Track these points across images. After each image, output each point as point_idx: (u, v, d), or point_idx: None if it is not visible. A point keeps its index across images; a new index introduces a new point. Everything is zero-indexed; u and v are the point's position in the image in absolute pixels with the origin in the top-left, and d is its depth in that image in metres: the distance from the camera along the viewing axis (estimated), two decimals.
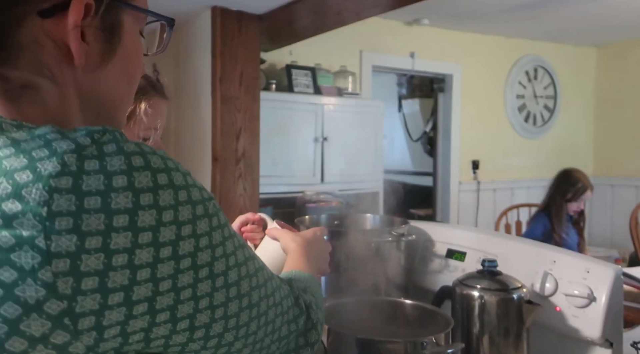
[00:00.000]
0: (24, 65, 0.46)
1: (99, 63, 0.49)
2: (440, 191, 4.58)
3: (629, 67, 4.83)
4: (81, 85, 0.49)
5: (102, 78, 0.50)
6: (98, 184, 0.36)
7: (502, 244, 1.32)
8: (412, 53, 4.18)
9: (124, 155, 0.38)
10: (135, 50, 0.53)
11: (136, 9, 0.51)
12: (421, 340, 0.94)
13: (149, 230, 0.37)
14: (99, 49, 0.48)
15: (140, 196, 0.37)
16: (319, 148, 3.39)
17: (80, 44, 0.46)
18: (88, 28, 0.47)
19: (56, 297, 0.34)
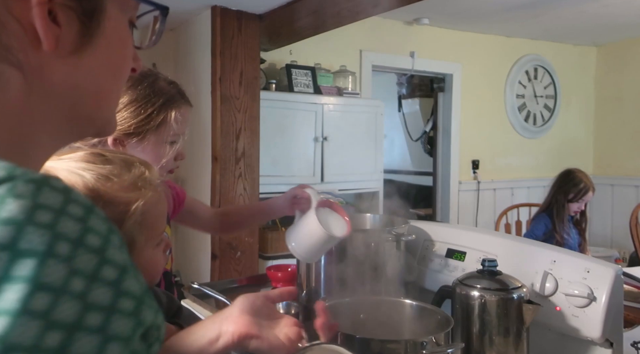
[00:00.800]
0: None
1: (74, 50, 0.42)
2: (440, 191, 4.58)
3: (629, 66, 4.83)
4: (52, 74, 0.42)
5: (79, 67, 0.43)
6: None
7: (502, 244, 1.32)
8: (412, 52, 4.18)
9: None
10: (121, 40, 0.47)
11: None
12: (421, 340, 0.94)
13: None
14: (74, 33, 0.42)
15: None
16: (318, 147, 3.39)
17: (48, 24, 0.40)
18: (61, 8, 0.41)
19: None
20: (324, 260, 1.37)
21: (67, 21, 0.41)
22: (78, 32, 0.42)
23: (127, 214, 0.71)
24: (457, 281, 1.17)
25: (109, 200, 0.70)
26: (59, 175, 0.68)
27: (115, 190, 0.71)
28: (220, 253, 2.88)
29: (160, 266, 0.82)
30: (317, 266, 1.38)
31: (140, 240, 0.74)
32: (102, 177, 0.71)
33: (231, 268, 2.90)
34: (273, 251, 3.13)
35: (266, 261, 3.03)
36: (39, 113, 0.43)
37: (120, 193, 0.71)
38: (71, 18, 0.42)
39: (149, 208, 0.74)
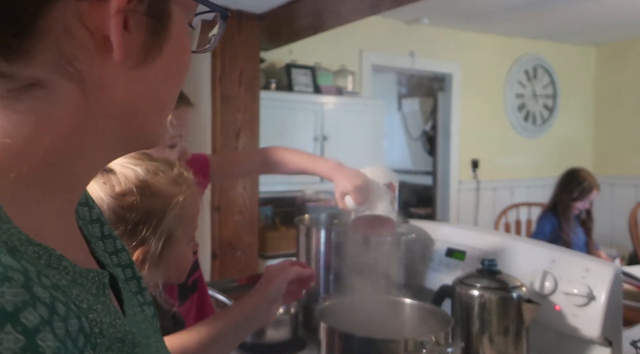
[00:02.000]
0: (40, 60, 0.35)
1: (141, 60, 0.39)
2: (440, 190, 4.58)
3: (629, 66, 4.83)
4: (114, 86, 0.38)
5: (143, 79, 0.40)
6: None
7: (502, 243, 1.32)
8: (412, 52, 4.18)
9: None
10: (183, 46, 0.42)
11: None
12: (421, 339, 0.94)
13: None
14: (142, 42, 0.38)
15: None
16: (318, 147, 3.39)
17: (122, 33, 0.36)
18: (132, 14, 0.37)
19: None
20: (323, 259, 1.37)
21: (137, 29, 0.38)
22: (145, 41, 0.39)
23: (169, 206, 0.79)
24: (457, 280, 1.18)
25: (155, 192, 0.79)
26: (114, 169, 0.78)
27: (162, 183, 0.80)
28: (220, 253, 2.88)
29: (188, 263, 0.88)
30: (317, 266, 1.38)
31: (178, 233, 0.81)
32: (150, 171, 0.80)
33: (231, 268, 2.90)
34: (273, 251, 3.13)
35: (266, 261, 3.03)
36: (92, 129, 0.39)
37: (165, 187, 0.80)
38: (141, 24, 0.38)
39: (188, 204, 0.82)
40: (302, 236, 1.42)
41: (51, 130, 0.37)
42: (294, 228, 1.49)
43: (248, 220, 2.97)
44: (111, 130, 0.40)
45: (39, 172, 0.37)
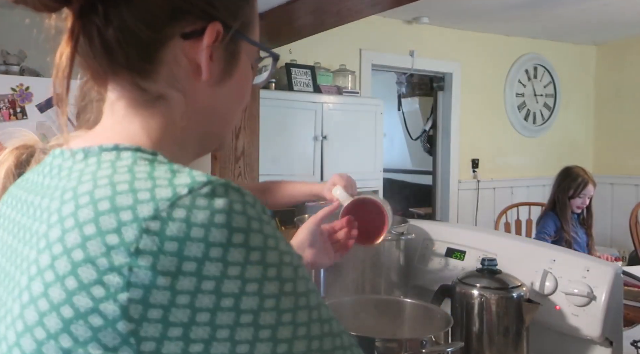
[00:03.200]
0: (161, 79, 0.54)
1: (219, 81, 0.57)
2: (439, 189, 4.58)
3: (629, 65, 4.83)
4: (202, 97, 0.57)
5: (219, 94, 0.59)
6: (179, 232, 0.42)
7: (502, 243, 1.32)
8: (412, 51, 4.18)
9: (210, 211, 0.44)
10: (246, 76, 0.62)
11: (252, 42, 0.61)
12: (421, 339, 0.94)
13: (212, 280, 0.42)
14: (221, 68, 0.57)
15: (211, 249, 0.42)
16: (318, 146, 3.39)
17: (208, 61, 0.55)
18: (215, 50, 0.55)
19: (127, 319, 0.41)
20: None
21: (217, 59, 0.56)
22: (223, 68, 0.58)
23: None
24: (456, 280, 1.18)
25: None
26: None
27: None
28: None
29: None
30: None
31: None
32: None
33: None
34: None
35: None
36: (189, 128, 0.57)
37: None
38: (220, 57, 0.57)
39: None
40: None
41: (173, 127, 0.56)
42: (294, 227, 1.48)
43: None
44: (197, 129, 0.59)
45: (173, 157, 0.53)
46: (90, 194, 0.45)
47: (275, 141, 3.23)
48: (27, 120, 2.42)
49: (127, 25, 0.52)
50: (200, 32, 0.54)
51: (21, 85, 2.42)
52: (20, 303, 0.45)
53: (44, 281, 0.43)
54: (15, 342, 0.44)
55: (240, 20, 0.58)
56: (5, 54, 2.58)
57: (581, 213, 3.04)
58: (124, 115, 0.55)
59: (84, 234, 0.43)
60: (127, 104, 0.55)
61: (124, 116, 0.55)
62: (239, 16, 0.58)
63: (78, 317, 0.42)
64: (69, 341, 0.42)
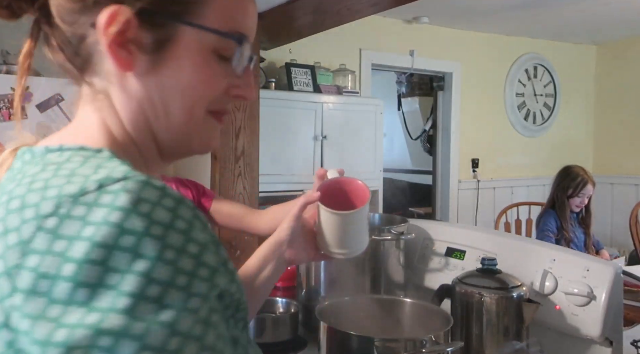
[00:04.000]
0: (99, 73, 0.53)
1: (148, 71, 0.53)
2: (439, 189, 4.58)
3: (629, 64, 4.83)
4: (133, 89, 0.53)
5: (152, 85, 0.53)
6: (72, 230, 0.40)
7: (502, 242, 1.32)
8: (412, 51, 4.18)
9: (110, 208, 0.40)
10: (194, 66, 0.54)
11: (196, 26, 0.53)
12: (420, 338, 0.94)
13: (87, 287, 0.39)
14: (147, 57, 0.52)
15: (93, 250, 0.39)
16: (318, 146, 3.39)
17: (113, 49, 0.50)
18: (135, 37, 0.51)
19: (7, 328, 0.40)
20: None
21: (138, 48, 0.52)
22: (150, 57, 0.52)
23: None
24: (456, 280, 1.18)
25: None
26: None
27: None
28: None
29: None
30: (317, 265, 1.38)
31: None
32: None
33: None
34: None
35: None
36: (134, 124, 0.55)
37: None
38: (142, 46, 0.52)
39: None
40: None
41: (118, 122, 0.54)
42: None
43: None
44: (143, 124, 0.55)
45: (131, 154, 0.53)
46: (10, 193, 0.44)
47: (275, 141, 3.23)
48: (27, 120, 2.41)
49: (56, 24, 0.52)
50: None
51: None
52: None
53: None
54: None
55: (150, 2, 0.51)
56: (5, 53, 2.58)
57: (580, 212, 3.04)
58: (82, 112, 0.55)
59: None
60: (83, 101, 0.55)
61: (82, 113, 0.55)
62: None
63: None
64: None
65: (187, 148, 0.59)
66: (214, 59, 0.55)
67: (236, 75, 0.58)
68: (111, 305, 0.38)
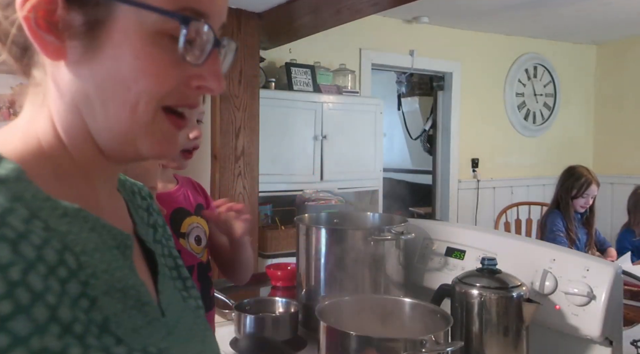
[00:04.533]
0: (35, 63, 0.48)
1: (81, 60, 0.46)
2: (439, 189, 4.58)
3: (629, 64, 4.83)
4: (64, 80, 0.47)
5: (85, 76, 0.46)
6: None
7: (502, 242, 1.32)
8: (412, 51, 4.18)
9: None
10: (134, 52, 0.45)
11: (133, 4, 0.45)
12: (420, 338, 0.94)
13: None
14: (81, 44, 0.45)
15: None
16: (318, 146, 3.39)
17: (35, 33, 0.44)
18: (63, 19, 0.44)
19: None
20: (323, 258, 1.36)
21: (68, 32, 0.45)
22: (83, 42, 0.45)
23: None
24: (456, 279, 1.17)
25: None
26: None
27: None
28: None
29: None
30: (317, 265, 1.38)
31: None
32: None
33: None
34: (273, 250, 3.13)
35: (266, 260, 3.03)
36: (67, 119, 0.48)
37: None
38: (73, 29, 0.45)
39: None
40: (302, 236, 1.42)
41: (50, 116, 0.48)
42: (294, 227, 1.48)
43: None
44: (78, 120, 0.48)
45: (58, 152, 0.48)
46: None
47: (275, 140, 3.23)
48: None
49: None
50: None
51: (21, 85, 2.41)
52: None
53: None
54: None
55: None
56: None
57: (584, 212, 3.03)
58: (25, 107, 0.50)
59: None
60: (27, 95, 0.50)
61: (25, 108, 0.50)
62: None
63: None
64: None
65: (133, 152, 0.50)
66: (162, 44, 0.46)
67: (197, 63, 0.47)
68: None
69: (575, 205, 2.97)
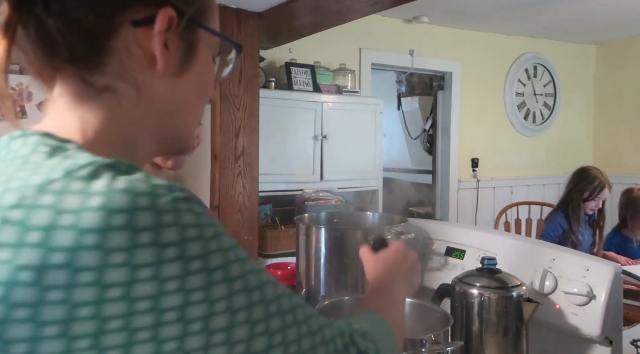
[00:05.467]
0: (110, 71, 0.51)
1: (176, 72, 0.54)
2: (439, 189, 4.58)
3: (629, 64, 4.83)
4: (158, 90, 0.54)
5: (177, 86, 0.55)
6: (42, 221, 0.39)
7: (502, 242, 1.32)
8: (412, 51, 4.18)
9: (85, 194, 0.40)
10: (207, 69, 0.59)
11: (210, 31, 0.57)
12: (420, 338, 0.94)
13: (90, 270, 0.38)
14: (178, 59, 0.54)
15: (85, 236, 0.38)
16: (318, 146, 3.39)
17: (162, 50, 0.52)
18: (170, 38, 0.53)
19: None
20: (323, 258, 1.37)
21: (174, 49, 0.53)
22: (180, 58, 0.55)
23: None
24: (456, 279, 1.18)
25: None
26: None
27: None
28: None
29: None
30: (317, 265, 1.38)
31: None
32: None
33: None
34: (273, 250, 3.13)
35: (266, 260, 3.03)
36: (141, 123, 0.55)
37: None
38: (176, 48, 0.54)
39: None
40: (302, 235, 1.42)
41: (118, 121, 0.53)
42: (294, 227, 1.49)
43: (248, 219, 2.97)
44: (154, 124, 0.55)
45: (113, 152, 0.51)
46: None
47: (275, 140, 3.23)
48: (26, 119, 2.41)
49: (71, 14, 0.48)
50: (153, 19, 0.51)
51: (21, 84, 2.41)
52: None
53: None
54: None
55: (195, 6, 0.54)
56: None
57: (592, 214, 2.98)
58: (61, 109, 0.52)
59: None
60: (68, 99, 0.52)
61: (61, 111, 0.52)
62: (194, 2, 0.55)
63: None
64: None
65: (184, 148, 0.61)
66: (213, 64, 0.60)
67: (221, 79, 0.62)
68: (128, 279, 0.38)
69: (586, 207, 2.91)
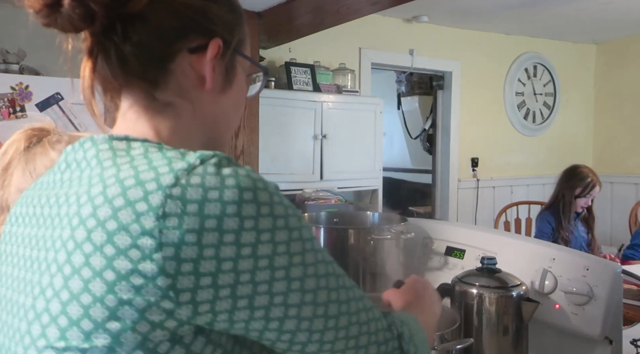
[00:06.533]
0: (170, 89, 0.63)
1: (220, 90, 0.67)
2: (439, 188, 4.58)
3: (629, 64, 4.83)
4: (206, 106, 0.66)
5: (220, 103, 0.68)
6: (197, 194, 0.50)
7: (502, 241, 1.32)
8: (412, 50, 4.18)
9: (219, 177, 0.51)
10: (242, 87, 0.71)
11: (246, 57, 0.70)
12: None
13: (231, 233, 0.50)
14: (222, 79, 0.67)
15: (227, 206, 0.50)
16: (318, 145, 3.39)
17: (212, 73, 0.64)
18: (217, 63, 0.65)
19: (164, 274, 0.48)
20: None
21: (218, 72, 0.66)
22: (223, 79, 0.67)
23: None
24: (456, 279, 1.18)
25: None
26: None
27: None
28: None
29: None
30: None
31: None
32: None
33: None
34: None
35: None
36: (195, 132, 0.66)
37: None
38: (220, 70, 0.66)
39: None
40: None
41: (180, 130, 0.65)
42: None
43: None
44: (203, 133, 0.67)
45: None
46: (116, 176, 0.53)
47: (274, 140, 3.23)
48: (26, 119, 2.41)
49: (142, 41, 0.61)
50: (204, 47, 0.63)
51: (21, 84, 2.41)
52: (52, 286, 0.52)
53: (84, 252, 0.50)
54: (61, 311, 0.50)
55: (237, 38, 0.67)
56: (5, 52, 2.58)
57: (582, 212, 3.02)
58: (136, 119, 0.63)
59: (114, 206, 0.50)
60: (138, 111, 0.63)
61: (136, 120, 0.63)
62: (235, 34, 0.67)
63: (120, 279, 0.49)
64: (114, 301, 0.49)
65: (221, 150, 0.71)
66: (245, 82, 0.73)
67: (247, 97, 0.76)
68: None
69: (577, 204, 2.93)
